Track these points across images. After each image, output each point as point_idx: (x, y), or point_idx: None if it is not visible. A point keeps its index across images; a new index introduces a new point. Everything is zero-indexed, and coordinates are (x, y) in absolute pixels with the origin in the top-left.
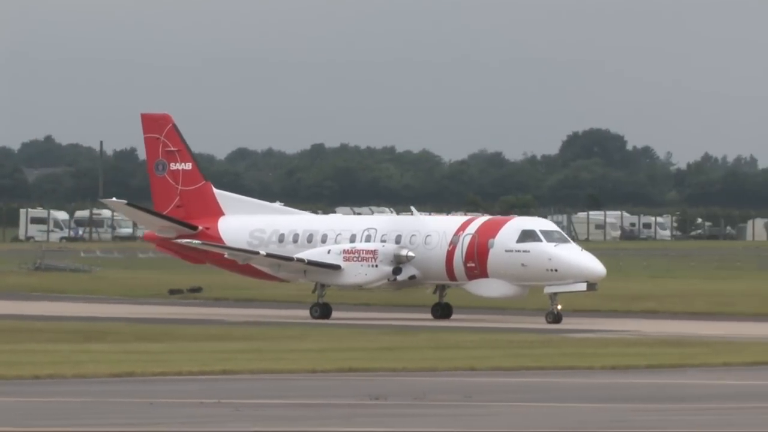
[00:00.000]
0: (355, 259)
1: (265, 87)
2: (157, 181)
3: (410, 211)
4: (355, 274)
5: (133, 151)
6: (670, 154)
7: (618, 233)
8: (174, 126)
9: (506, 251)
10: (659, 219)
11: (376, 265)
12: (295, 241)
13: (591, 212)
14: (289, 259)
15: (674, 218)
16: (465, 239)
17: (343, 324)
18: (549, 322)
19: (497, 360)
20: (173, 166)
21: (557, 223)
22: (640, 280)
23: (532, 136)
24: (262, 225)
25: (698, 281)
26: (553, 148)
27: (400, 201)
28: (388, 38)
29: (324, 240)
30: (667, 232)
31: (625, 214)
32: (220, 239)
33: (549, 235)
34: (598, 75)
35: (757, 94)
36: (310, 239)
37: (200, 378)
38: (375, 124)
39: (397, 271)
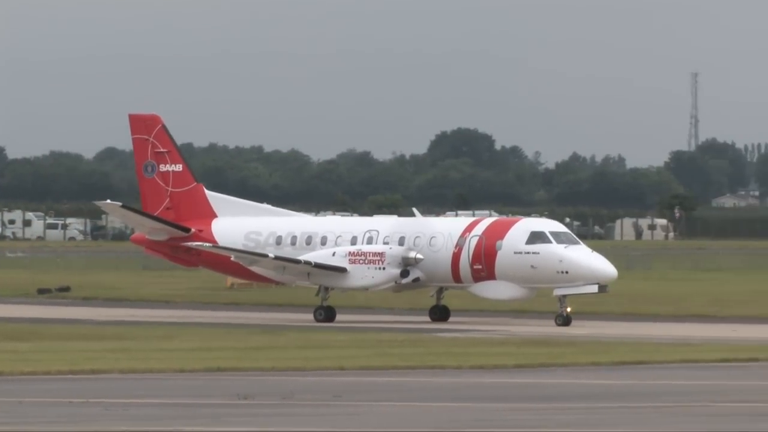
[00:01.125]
0: (361, 261)
1: (131, 85)
2: (146, 183)
3: (412, 212)
4: (362, 276)
5: None
6: (539, 154)
7: None
8: (163, 127)
9: (515, 253)
10: None
11: (384, 268)
12: (293, 243)
13: (460, 212)
14: (297, 261)
15: (543, 217)
16: (472, 241)
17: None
18: (558, 325)
19: (366, 359)
20: (163, 168)
21: None
22: None
23: (401, 136)
24: (258, 227)
25: None
26: (421, 148)
27: (268, 201)
28: (260, 30)
29: (324, 242)
30: None
31: (494, 213)
32: (213, 241)
33: (559, 237)
34: (466, 75)
35: (623, 95)
36: (308, 241)
37: (69, 377)
38: (243, 123)
39: (404, 273)
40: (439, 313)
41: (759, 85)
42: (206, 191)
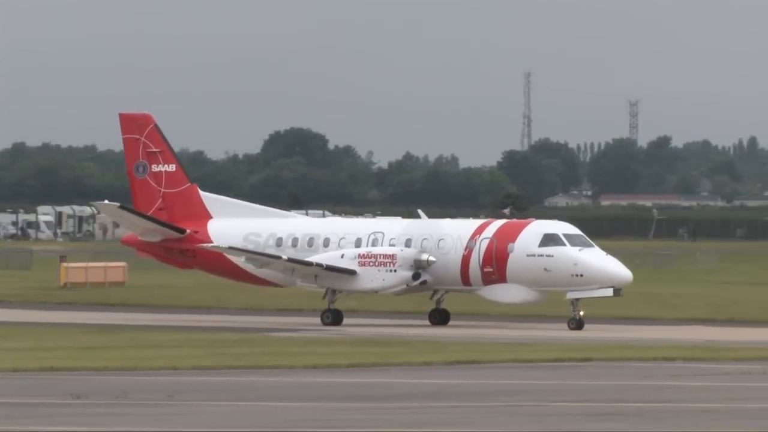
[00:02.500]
0: (371, 263)
1: None
2: (137, 183)
3: (418, 215)
4: (372, 279)
5: None
6: (372, 153)
7: None
8: (156, 126)
9: (528, 255)
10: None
11: (395, 270)
12: (294, 245)
13: (293, 211)
14: (308, 263)
15: (376, 217)
16: (482, 243)
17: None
18: (572, 329)
19: (199, 359)
20: (155, 168)
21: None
22: None
23: (234, 135)
24: (257, 228)
25: None
26: (255, 147)
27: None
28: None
29: (326, 244)
30: None
31: (327, 212)
32: (209, 242)
33: (572, 239)
34: (300, 75)
35: (456, 94)
36: (310, 243)
37: None
38: (76, 123)
39: (416, 276)
40: (439, 317)
41: (591, 86)
42: (201, 192)
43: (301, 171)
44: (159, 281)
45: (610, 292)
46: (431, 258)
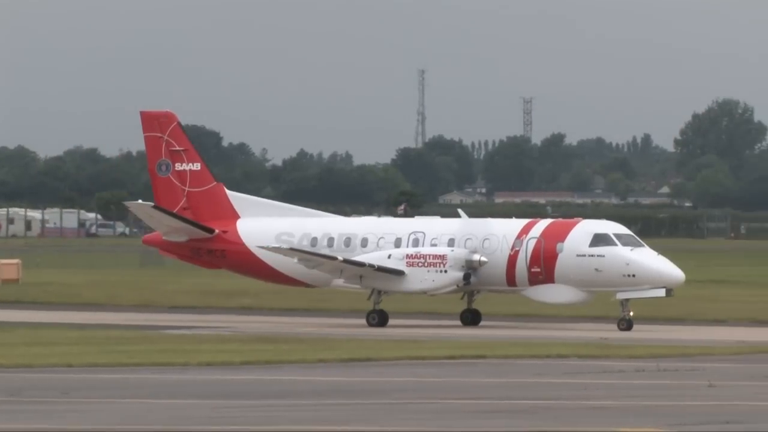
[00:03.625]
0: (420, 264)
1: None
2: (160, 182)
3: (458, 214)
4: (421, 280)
5: None
6: (266, 151)
7: None
8: (179, 124)
9: (578, 256)
10: None
11: (446, 271)
12: (330, 245)
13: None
14: (361, 264)
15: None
16: (529, 243)
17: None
18: (622, 329)
19: (93, 356)
20: (179, 167)
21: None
22: (236, 276)
23: (128, 132)
24: (290, 228)
25: None
26: None
27: None
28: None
29: (364, 244)
30: None
31: None
32: (240, 243)
33: (623, 239)
34: (193, 72)
35: (350, 92)
36: (347, 243)
37: None
38: None
39: (467, 276)
40: (471, 317)
41: (485, 83)
42: (228, 191)
43: None
44: (53, 278)
45: (662, 292)
46: (483, 258)
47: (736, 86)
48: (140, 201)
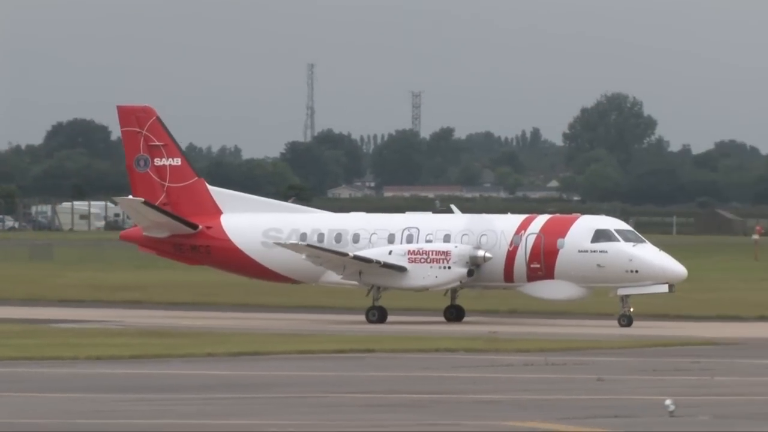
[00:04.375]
0: (423, 260)
1: None
2: (138, 177)
3: (450, 210)
4: (423, 276)
5: None
6: None
7: (102, 223)
8: (158, 119)
9: (579, 252)
10: None
11: (449, 267)
12: (321, 240)
13: (75, 202)
14: (369, 260)
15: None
16: (529, 239)
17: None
18: (623, 325)
19: None
20: (158, 162)
21: (41, 213)
22: (124, 270)
23: (17, 126)
24: (278, 223)
25: (183, 272)
26: (37, 138)
27: None
28: None
29: (356, 240)
30: None
31: (110, 204)
32: (226, 239)
33: (625, 235)
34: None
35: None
36: (338, 239)
37: None
38: None
39: (470, 273)
40: (456, 313)
41: (374, 77)
42: (209, 186)
43: (84, 162)
44: None
45: (665, 288)
46: (488, 254)
47: (625, 80)
48: (131, 196)
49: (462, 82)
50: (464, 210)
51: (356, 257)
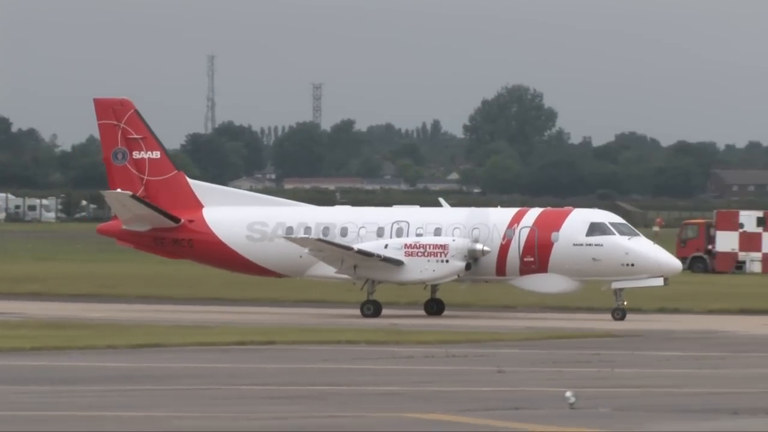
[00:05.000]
0: (419, 254)
1: None
2: (116, 171)
3: (439, 203)
4: (420, 270)
5: None
6: (56, 137)
7: (3, 215)
8: (136, 112)
9: (575, 245)
10: (44, 201)
11: (447, 261)
12: (307, 234)
13: None
14: (370, 254)
15: (59, 201)
16: (522, 232)
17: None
18: (616, 319)
19: None
20: (137, 155)
21: None
22: (24, 262)
23: None
24: (263, 217)
25: (83, 264)
26: None
27: None
28: None
29: (344, 233)
30: (52, 215)
31: (10, 196)
32: (210, 232)
33: (619, 228)
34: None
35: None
36: (326, 232)
37: None
38: None
39: (468, 267)
40: (436, 307)
41: (275, 70)
42: (189, 180)
43: None
44: None
45: (660, 281)
46: (486, 248)
47: (526, 73)
48: (119, 190)
49: (363, 74)
50: (364, 203)
51: (360, 251)
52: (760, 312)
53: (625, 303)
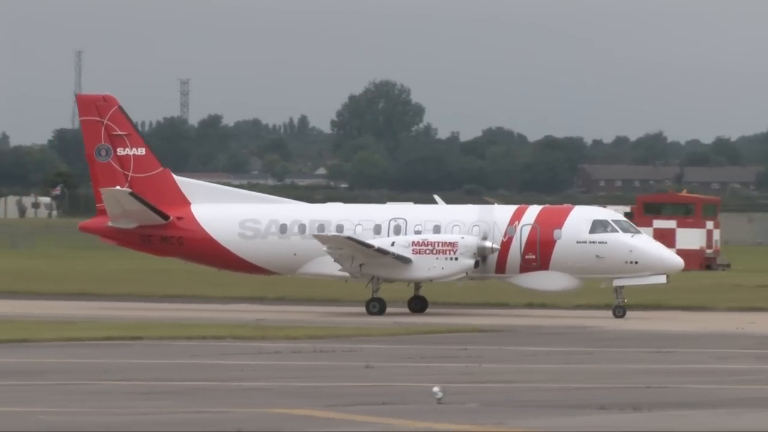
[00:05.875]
0: (428, 251)
1: None
2: (99, 168)
3: (434, 200)
4: (429, 267)
5: None
6: None
7: None
8: (120, 108)
9: (578, 242)
10: None
11: (456, 258)
12: (302, 231)
13: None
14: (385, 252)
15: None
16: (524, 230)
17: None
18: (617, 317)
19: None
20: (121, 152)
21: None
22: None
23: None
24: (255, 215)
25: None
26: None
27: None
28: None
29: (340, 231)
30: None
31: None
32: (200, 230)
33: (622, 225)
34: None
35: (6, 73)
36: (321, 230)
37: None
38: None
39: (476, 264)
40: (420, 304)
41: (142, 64)
42: (176, 176)
43: None
44: None
45: (663, 278)
46: (495, 245)
47: (393, 68)
48: (117, 187)
49: (230, 69)
50: None
51: (379, 249)
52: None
53: (626, 300)
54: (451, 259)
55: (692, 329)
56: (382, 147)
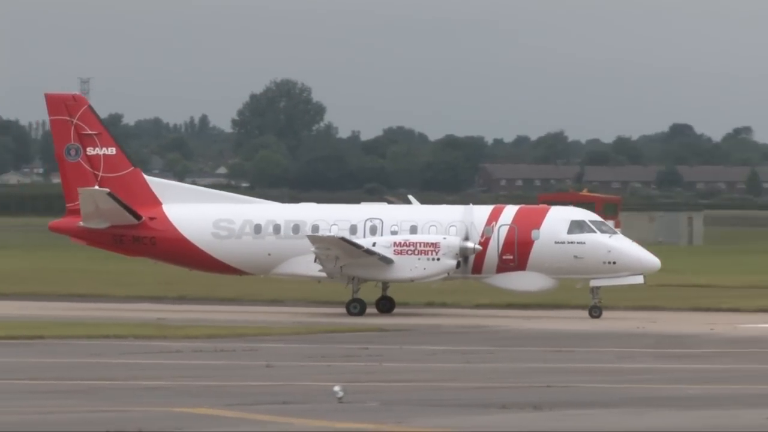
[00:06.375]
0: (410, 252)
1: None
2: (69, 167)
3: (408, 200)
4: (411, 268)
5: None
6: None
7: None
8: (90, 108)
9: (556, 243)
10: None
11: (438, 259)
12: (277, 231)
13: None
14: (372, 253)
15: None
16: (501, 230)
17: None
18: (594, 317)
19: None
20: (91, 151)
21: None
22: None
23: None
24: (229, 215)
25: None
26: None
27: None
28: None
29: (315, 231)
30: None
31: None
32: (173, 229)
33: (598, 226)
34: None
35: None
36: (296, 230)
37: None
38: None
39: (458, 265)
40: (388, 305)
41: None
42: (146, 176)
43: None
44: None
45: (640, 279)
46: (477, 246)
47: (295, 67)
48: (96, 187)
49: (131, 68)
50: None
51: (367, 250)
52: (525, 307)
53: (601, 300)
54: (433, 259)
55: (593, 328)
56: (283, 146)
